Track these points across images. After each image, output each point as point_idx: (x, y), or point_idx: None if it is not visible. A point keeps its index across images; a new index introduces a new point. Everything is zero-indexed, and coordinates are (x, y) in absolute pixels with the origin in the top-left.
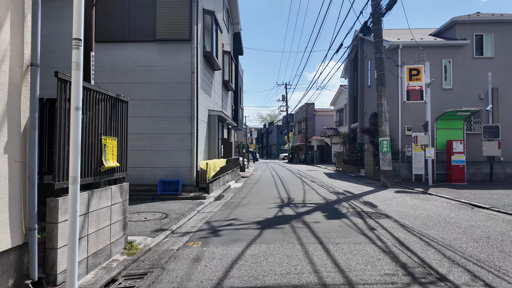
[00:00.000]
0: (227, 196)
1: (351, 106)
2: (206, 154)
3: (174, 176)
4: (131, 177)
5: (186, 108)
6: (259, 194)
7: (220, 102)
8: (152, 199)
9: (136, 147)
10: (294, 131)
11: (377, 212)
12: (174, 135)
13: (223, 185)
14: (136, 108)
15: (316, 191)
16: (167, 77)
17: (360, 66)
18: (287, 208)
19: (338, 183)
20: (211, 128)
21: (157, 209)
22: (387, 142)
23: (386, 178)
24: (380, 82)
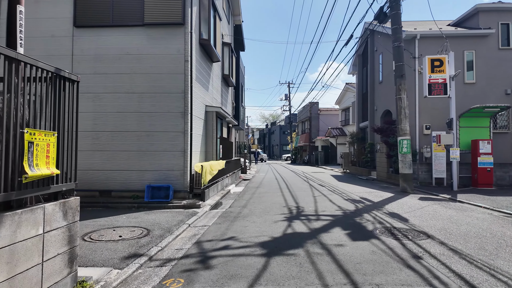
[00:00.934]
0: (225, 203)
1: (360, 104)
2: (203, 155)
3: (165, 180)
4: (116, 182)
5: (178, 102)
6: (263, 201)
7: (219, 98)
8: (137, 207)
9: (121, 147)
10: (297, 131)
11: (411, 228)
12: (164, 133)
13: (221, 190)
14: (121, 103)
15: (328, 198)
16: (157, 67)
17: (370, 61)
18: (298, 222)
19: (350, 187)
20: (208, 126)
21: (139, 222)
22: (407, 142)
23: (406, 183)
24: (399, 74)
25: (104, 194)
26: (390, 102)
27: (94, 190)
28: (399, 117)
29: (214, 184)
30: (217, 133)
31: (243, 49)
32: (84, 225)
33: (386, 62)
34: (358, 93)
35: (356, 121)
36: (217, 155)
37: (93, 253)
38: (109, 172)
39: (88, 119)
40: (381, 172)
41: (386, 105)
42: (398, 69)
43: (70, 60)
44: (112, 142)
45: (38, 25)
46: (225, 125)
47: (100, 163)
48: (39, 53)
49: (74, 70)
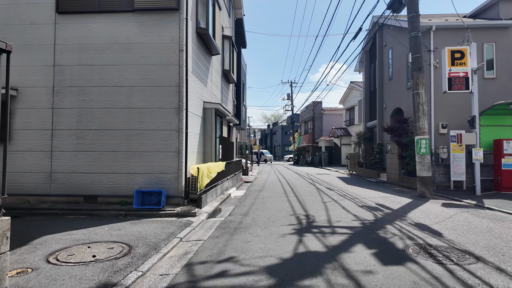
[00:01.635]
0: (224, 210)
1: (367, 102)
2: (200, 156)
3: (157, 184)
4: (102, 186)
5: (172, 97)
6: (267, 208)
7: (219, 94)
8: (125, 216)
9: (108, 147)
10: (300, 131)
11: (450, 246)
12: (156, 132)
13: (221, 194)
14: (108, 97)
15: (340, 205)
16: (148, 57)
17: (379, 57)
18: (310, 237)
19: (361, 191)
20: (206, 124)
21: (122, 236)
22: (425, 141)
23: (424, 187)
24: (417, 67)
25: (89, 199)
26: (401, 99)
27: (78, 195)
28: (417, 114)
29: (212, 188)
30: (216, 132)
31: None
32: (56, 240)
33: (396, 57)
34: (365, 91)
35: (363, 120)
36: (216, 156)
37: (50, 285)
38: (94, 175)
39: (72, 116)
40: (392, 174)
41: (396, 103)
42: (415, 61)
43: (52, 50)
44: (98, 141)
45: (17, 11)
46: (225, 123)
47: (84, 165)
48: (18, 42)
49: (57, 61)
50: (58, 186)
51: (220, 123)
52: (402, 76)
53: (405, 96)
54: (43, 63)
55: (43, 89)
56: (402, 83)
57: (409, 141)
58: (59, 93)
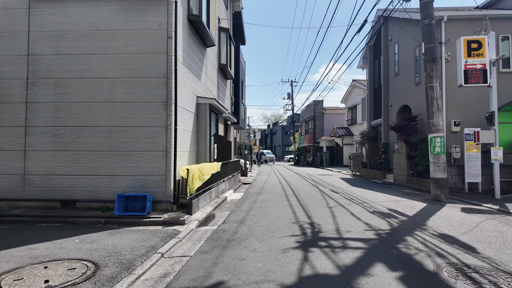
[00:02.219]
0: (219, 216)
1: (372, 100)
2: (193, 156)
3: (142, 188)
4: (81, 190)
5: (159, 90)
6: (265, 213)
7: (215, 90)
8: (104, 223)
9: (88, 146)
10: (301, 131)
11: (493, 266)
12: (141, 129)
13: (216, 197)
14: (88, 90)
15: (348, 210)
16: (133, 45)
17: (384, 52)
18: (317, 252)
19: (368, 194)
20: (200, 121)
21: (92, 251)
22: (440, 140)
23: (439, 189)
24: (430, 58)
25: (67, 204)
26: (409, 96)
27: (55, 199)
28: (430, 109)
29: (206, 192)
30: (210, 129)
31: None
32: (9, 257)
33: (403, 52)
34: (370, 88)
35: (367, 118)
36: (211, 156)
37: None
38: (73, 178)
39: (48, 111)
40: (399, 176)
41: (403, 100)
42: (428, 52)
43: (26, 38)
44: (77, 140)
45: None
46: (221, 121)
47: (62, 166)
48: None
49: (31, 50)
50: (33, 190)
51: (215, 121)
52: (410, 71)
53: (413, 93)
54: (16, 52)
55: (15, 81)
56: (409, 78)
57: (419, 140)
58: (34, 85)
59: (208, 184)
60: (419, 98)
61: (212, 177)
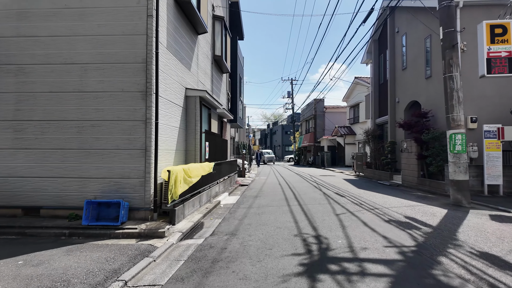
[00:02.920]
0: (207, 226)
1: (376, 96)
2: (181, 155)
3: (116, 193)
4: (47, 195)
5: (137, 77)
6: (263, 222)
7: (208, 83)
8: (69, 236)
9: (55, 144)
10: (301, 131)
11: None
12: (116, 124)
13: (207, 202)
14: (56, 78)
15: (359, 219)
16: (107, 26)
17: (391, 45)
18: (328, 281)
19: (378, 198)
20: (189, 117)
21: (30, 279)
22: (462, 136)
23: (460, 193)
24: (450, 44)
25: (30, 212)
26: (418, 91)
27: (16, 206)
28: (450, 103)
29: (194, 196)
30: (201, 125)
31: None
32: None
33: (412, 44)
34: (374, 84)
35: (371, 116)
36: (202, 156)
37: None
38: (37, 181)
39: (8, 103)
40: (408, 177)
41: (411, 95)
42: (447, 37)
43: None
44: (42, 136)
45: None
46: (214, 117)
47: (24, 167)
48: None
49: None
50: None
51: (207, 116)
52: (419, 65)
53: (423, 87)
54: None
55: None
56: (419, 72)
57: (432, 138)
58: None
59: (197, 187)
60: (430, 93)
61: (202, 179)
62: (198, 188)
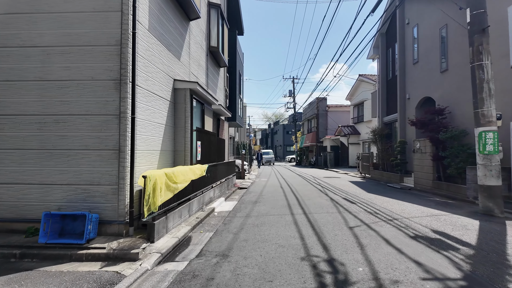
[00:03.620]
0: (195, 243)
1: (384, 93)
2: (167, 156)
3: (85, 202)
4: (1, 205)
5: (110, 62)
6: (262, 238)
7: (203, 76)
8: (20, 257)
9: (11, 143)
10: (303, 130)
11: None
12: (85, 119)
13: (199, 209)
14: (12, 64)
15: (379, 234)
16: (74, 1)
17: (400, 38)
18: None
19: (393, 204)
20: (178, 112)
21: None
22: (493, 135)
23: (492, 201)
24: (479, 27)
25: None
26: (432, 86)
27: None
28: (479, 96)
29: (182, 204)
30: (192, 122)
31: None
32: None
33: (425, 36)
34: (381, 81)
35: (378, 114)
36: (194, 157)
37: None
38: None
39: None
40: (422, 179)
41: (424, 91)
42: (476, 20)
43: None
44: None
45: None
46: (209, 114)
47: None
48: None
49: None
50: None
51: (200, 112)
52: (433, 57)
53: (438, 82)
54: None
55: None
56: (433, 65)
57: (450, 136)
58: None
59: (186, 193)
60: (446, 88)
61: (193, 184)
62: (188, 195)
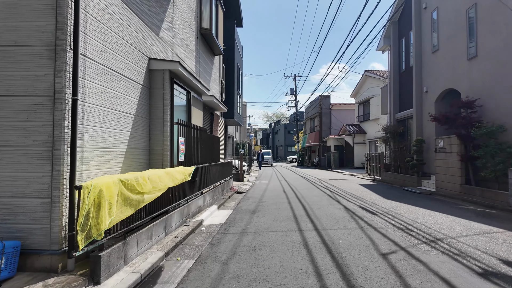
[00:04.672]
0: (164, 281)
1: (396, 88)
2: (138, 156)
3: (3, 223)
4: None
5: (41, 20)
6: (260, 277)
7: (191, 62)
8: None
9: None
10: (305, 130)
11: None
12: (4, 101)
13: (180, 225)
14: None
15: (429, 268)
16: None
17: (416, 24)
18: None
19: (426, 217)
20: (155, 99)
21: None
22: None
23: None
24: None
25: None
26: (457, 76)
27: None
28: None
29: (155, 221)
30: (172, 112)
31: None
32: None
33: (447, 19)
34: (393, 74)
35: (389, 111)
36: (174, 157)
37: None
38: None
39: None
40: (446, 183)
41: (446, 82)
42: None
43: None
44: None
45: None
46: (198, 105)
47: None
48: None
49: None
50: None
51: (186, 102)
52: (458, 43)
53: (465, 71)
54: None
55: None
56: (458, 52)
57: (484, 133)
58: None
59: (162, 205)
60: (475, 77)
61: (174, 192)
62: (166, 206)
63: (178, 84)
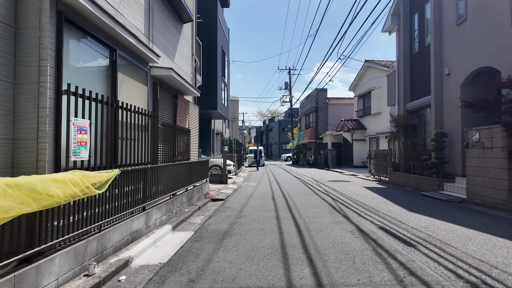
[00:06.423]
0: None
1: (407, 73)
2: None
3: None
4: None
5: None
6: None
7: (138, 18)
8: None
9: None
10: (300, 126)
11: None
12: None
13: (73, 277)
14: None
15: None
16: None
17: None
18: None
19: (492, 247)
20: (24, 47)
21: None
22: None
23: None
24: None
25: None
26: (495, 50)
27: None
28: None
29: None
30: (60, 73)
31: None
32: None
33: None
34: (404, 57)
35: (398, 101)
36: (71, 152)
37: None
38: None
39: None
40: (483, 188)
41: (478, 59)
42: None
43: None
44: None
45: None
46: (137, 76)
47: None
48: None
49: None
50: None
51: (109, 66)
52: (495, 9)
53: (505, 43)
54: None
55: None
56: (493, 21)
57: None
58: None
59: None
60: None
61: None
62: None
63: (87, 32)
